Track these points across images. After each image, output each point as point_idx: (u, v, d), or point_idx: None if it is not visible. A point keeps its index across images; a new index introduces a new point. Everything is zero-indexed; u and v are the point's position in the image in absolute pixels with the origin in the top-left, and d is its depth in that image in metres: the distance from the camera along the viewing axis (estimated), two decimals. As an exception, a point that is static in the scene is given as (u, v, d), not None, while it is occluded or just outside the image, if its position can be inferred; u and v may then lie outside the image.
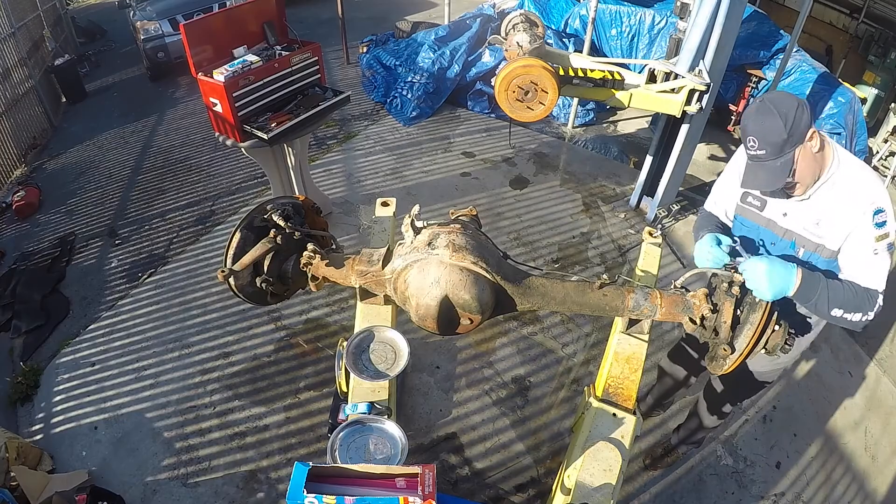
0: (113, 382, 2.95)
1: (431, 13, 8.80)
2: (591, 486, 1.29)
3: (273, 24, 3.35)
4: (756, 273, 1.39)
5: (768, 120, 1.42)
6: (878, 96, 5.41)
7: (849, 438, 2.75)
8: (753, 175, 1.50)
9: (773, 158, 1.44)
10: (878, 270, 1.47)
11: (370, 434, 1.31)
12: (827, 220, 1.52)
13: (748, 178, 1.52)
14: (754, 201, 1.70)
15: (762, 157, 1.45)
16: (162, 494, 2.45)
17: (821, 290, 1.44)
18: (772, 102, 1.43)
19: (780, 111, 1.41)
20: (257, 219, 1.59)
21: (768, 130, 1.42)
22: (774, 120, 1.41)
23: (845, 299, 1.45)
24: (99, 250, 4.00)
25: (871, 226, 1.43)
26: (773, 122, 1.41)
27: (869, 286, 1.47)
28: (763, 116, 1.43)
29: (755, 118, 1.45)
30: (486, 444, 2.63)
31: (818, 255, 1.57)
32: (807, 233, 1.57)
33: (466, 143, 5.13)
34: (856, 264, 1.49)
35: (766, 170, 1.46)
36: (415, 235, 1.43)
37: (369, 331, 1.51)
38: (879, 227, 1.43)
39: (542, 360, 3.05)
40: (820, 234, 1.54)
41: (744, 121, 1.49)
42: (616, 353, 1.61)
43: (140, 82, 7.25)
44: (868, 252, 1.46)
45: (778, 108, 1.41)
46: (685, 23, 3.30)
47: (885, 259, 1.46)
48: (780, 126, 1.40)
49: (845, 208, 1.47)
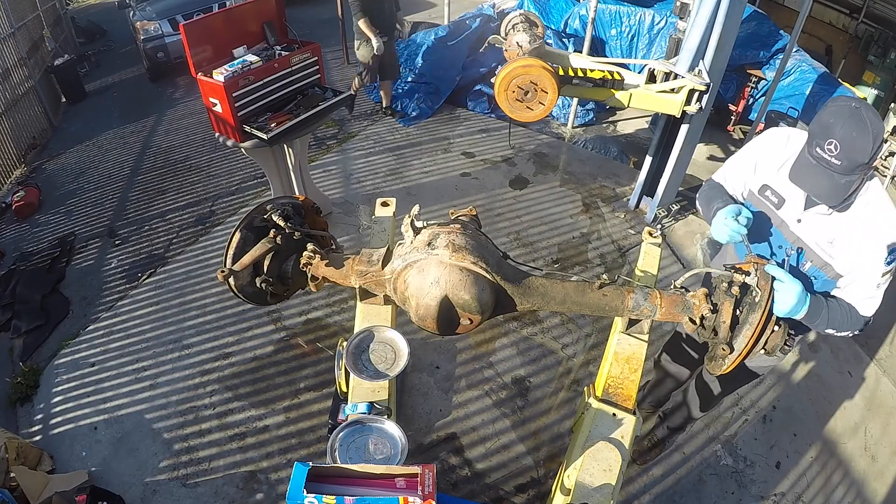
0: (113, 383, 2.95)
1: (431, 13, 8.80)
2: (591, 486, 1.29)
3: (273, 24, 3.35)
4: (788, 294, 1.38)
5: (860, 136, 1.31)
6: (877, 96, 5.41)
7: (849, 438, 2.75)
8: (814, 178, 1.40)
9: (843, 174, 1.35)
10: (876, 301, 1.52)
11: (370, 434, 1.31)
12: (841, 243, 1.50)
13: (805, 177, 1.42)
14: (772, 196, 1.63)
15: (834, 167, 1.35)
16: (162, 495, 2.45)
17: (822, 315, 1.49)
18: (868, 118, 1.32)
19: (874, 132, 1.31)
20: (257, 219, 1.58)
21: (856, 146, 1.31)
22: (866, 139, 1.31)
23: (840, 322, 1.51)
24: (98, 251, 4.00)
25: (882, 262, 1.44)
26: (864, 141, 1.31)
27: (863, 314, 1.52)
28: (855, 127, 1.31)
29: (846, 125, 1.32)
30: (486, 444, 2.63)
31: (823, 273, 1.56)
32: (818, 248, 1.55)
33: (466, 143, 5.13)
34: (858, 292, 1.52)
35: (831, 181, 1.37)
36: (414, 235, 1.43)
37: (369, 331, 1.51)
38: (889, 264, 1.44)
39: (543, 361, 3.05)
40: (831, 253, 1.52)
41: (828, 119, 1.36)
42: (616, 353, 1.61)
43: (140, 82, 7.25)
44: (872, 284, 1.48)
45: (873, 127, 1.31)
46: (685, 23, 3.30)
47: (883, 291, 1.50)
48: (868, 147, 1.31)
49: (864, 239, 1.46)
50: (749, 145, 1.74)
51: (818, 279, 1.59)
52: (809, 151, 1.40)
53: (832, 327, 1.51)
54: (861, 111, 1.33)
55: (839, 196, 1.39)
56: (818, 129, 1.37)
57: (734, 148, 5.22)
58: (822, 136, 1.36)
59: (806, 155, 1.42)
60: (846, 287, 1.54)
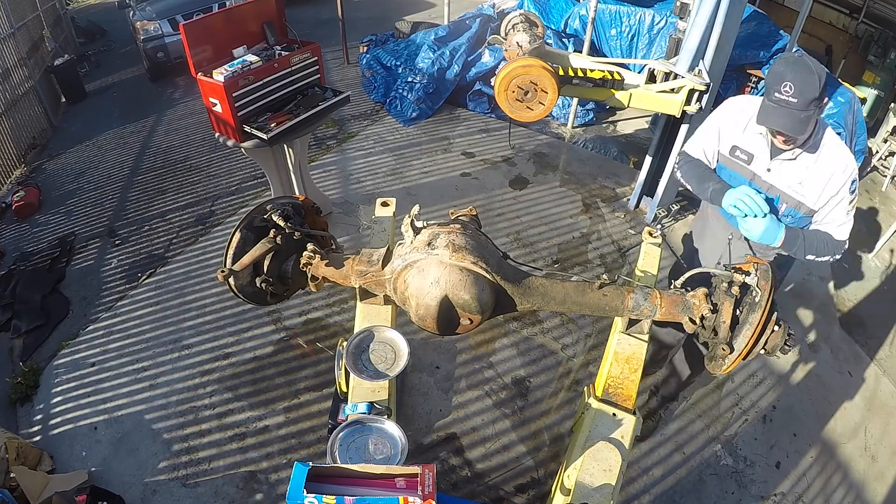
0: (112, 383, 2.95)
1: (431, 13, 8.80)
2: (591, 486, 1.29)
3: (273, 24, 3.35)
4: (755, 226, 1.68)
5: (808, 75, 1.54)
6: (877, 96, 5.41)
7: (849, 439, 2.75)
8: (777, 116, 1.60)
9: (800, 110, 1.56)
10: (848, 226, 1.79)
11: (370, 434, 1.31)
12: (809, 182, 1.74)
13: (770, 118, 1.62)
14: (742, 155, 1.87)
15: (792, 105, 1.57)
16: (162, 495, 2.45)
17: (799, 242, 1.76)
18: (811, 62, 1.56)
19: (817, 72, 1.54)
20: (257, 219, 1.58)
21: (806, 84, 1.53)
22: (813, 77, 1.53)
23: (818, 248, 1.78)
24: (98, 251, 4.00)
25: (847, 192, 1.72)
26: (812, 79, 1.53)
27: (839, 238, 1.79)
28: (802, 69, 1.55)
29: (794, 68, 1.56)
30: (486, 444, 2.63)
31: (797, 210, 1.80)
32: (790, 190, 1.78)
33: (466, 143, 5.12)
34: (832, 221, 1.78)
35: (792, 117, 1.58)
36: (414, 235, 1.43)
37: (369, 331, 1.51)
38: (853, 193, 1.73)
39: (543, 361, 3.05)
40: (802, 192, 1.76)
41: (779, 68, 1.59)
42: (616, 353, 1.61)
43: (140, 82, 7.25)
44: (843, 211, 1.75)
45: (815, 68, 1.55)
46: (685, 23, 3.30)
47: (852, 216, 1.78)
48: (816, 84, 1.54)
49: (828, 175, 1.71)
50: (711, 115, 1.98)
51: (794, 217, 1.82)
52: (769, 98, 1.62)
53: (812, 253, 1.78)
54: (804, 58, 1.59)
55: (802, 128, 1.60)
56: (773, 78, 1.61)
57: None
58: (777, 82, 1.59)
59: (767, 102, 1.63)
60: (822, 220, 1.79)
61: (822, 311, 3.46)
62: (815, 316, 3.43)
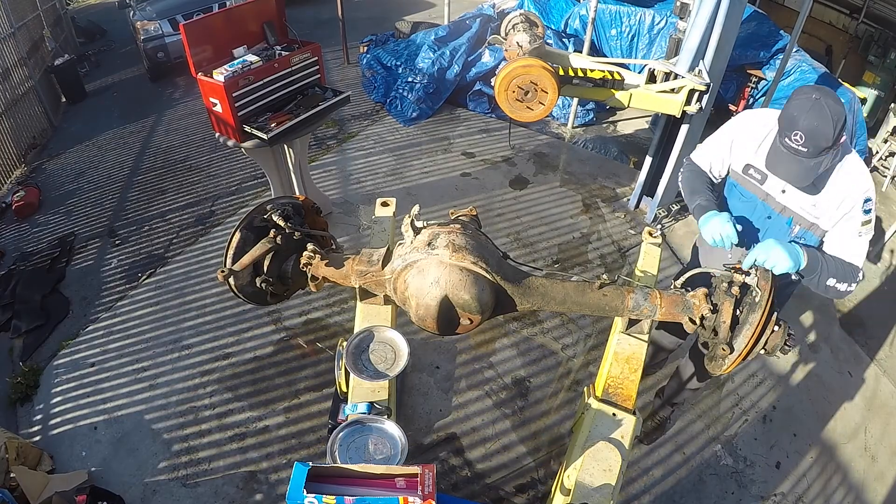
0: (112, 383, 2.95)
1: (431, 13, 8.80)
2: (591, 486, 1.29)
3: (273, 24, 3.35)
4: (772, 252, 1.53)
5: (822, 123, 1.45)
6: (877, 96, 5.41)
7: (849, 439, 2.75)
8: (786, 166, 1.55)
9: (810, 158, 1.50)
10: (862, 249, 1.66)
11: (370, 434, 1.31)
12: (824, 204, 1.66)
13: (779, 166, 1.57)
14: (755, 174, 1.78)
15: (801, 154, 1.50)
16: (162, 495, 2.45)
17: (821, 265, 1.62)
18: (827, 105, 1.46)
19: (834, 118, 1.45)
20: (257, 219, 1.58)
21: (818, 133, 1.46)
22: (827, 125, 1.45)
23: (838, 271, 1.64)
24: (98, 251, 4.00)
25: (861, 213, 1.61)
26: (825, 127, 1.45)
27: (853, 262, 1.66)
28: (817, 117, 1.46)
29: (808, 116, 1.47)
30: (486, 444, 2.63)
31: (811, 232, 1.73)
32: (803, 212, 1.72)
33: (466, 143, 5.12)
34: (843, 244, 1.67)
35: (801, 166, 1.52)
36: (415, 235, 1.43)
37: (369, 331, 1.51)
38: (867, 214, 1.62)
39: (543, 362, 3.05)
40: (816, 214, 1.69)
41: (792, 111, 1.51)
42: (616, 353, 1.61)
43: (140, 82, 7.25)
44: (855, 234, 1.65)
45: (832, 113, 1.45)
46: (685, 23, 3.30)
47: (867, 239, 1.66)
48: (830, 133, 1.45)
49: (843, 196, 1.62)
50: (725, 126, 1.88)
51: (807, 239, 1.75)
52: (780, 141, 1.55)
53: (833, 276, 1.63)
54: (821, 101, 1.47)
55: (809, 177, 1.54)
56: (785, 121, 1.53)
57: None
58: (789, 128, 1.51)
59: (777, 144, 1.57)
60: (833, 241, 1.69)
61: (821, 312, 3.46)
62: (815, 316, 3.43)
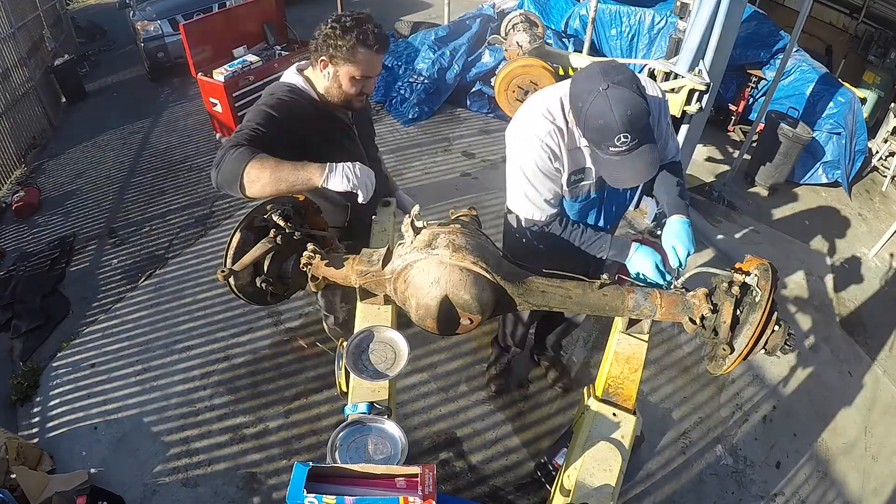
0: (113, 384, 2.95)
1: (431, 13, 8.80)
2: (591, 486, 1.29)
3: (273, 24, 3.36)
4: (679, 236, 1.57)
5: (630, 105, 1.28)
6: (877, 96, 5.41)
7: (849, 438, 2.75)
8: (632, 171, 1.39)
9: (648, 142, 1.36)
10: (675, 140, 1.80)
11: (370, 434, 1.31)
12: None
13: (625, 174, 1.40)
14: (575, 177, 1.64)
15: (638, 148, 1.35)
16: (162, 495, 2.45)
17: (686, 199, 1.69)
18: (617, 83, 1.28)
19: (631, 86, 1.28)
20: (257, 219, 1.58)
21: (636, 116, 1.29)
22: (634, 100, 1.28)
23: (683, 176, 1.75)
24: (98, 251, 4.00)
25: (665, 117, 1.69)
26: (635, 104, 1.28)
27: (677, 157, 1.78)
28: (621, 103, 1.27)
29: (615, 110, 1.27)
30: (486, 445, 2.63)
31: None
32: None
33: (466, 143, 5.12)
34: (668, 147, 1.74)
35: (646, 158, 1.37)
36: (415, 235, 1.43)
37: (369, 331, 1.51)
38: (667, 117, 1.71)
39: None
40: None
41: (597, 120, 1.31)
42: (616, 352, 1.61)
43: (140, 82, 7.24)
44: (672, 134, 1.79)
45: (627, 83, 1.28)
46: (685, 23, 3.30)
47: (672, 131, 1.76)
48: (642, 102, 1.29)
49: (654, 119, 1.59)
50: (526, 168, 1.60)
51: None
52: (609, 156, 1.37)
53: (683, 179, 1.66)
54: (609, 90, 1.27)
55: (657, 160, 1.41)
56: (598, 136, 1.35)
57: (733, 149, 5.22)
58: (607, 139, 1.33)
59: (609, 158, 1.39)
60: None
61: (821, 312, 3.46)
62: (815, 316, 3.43)
